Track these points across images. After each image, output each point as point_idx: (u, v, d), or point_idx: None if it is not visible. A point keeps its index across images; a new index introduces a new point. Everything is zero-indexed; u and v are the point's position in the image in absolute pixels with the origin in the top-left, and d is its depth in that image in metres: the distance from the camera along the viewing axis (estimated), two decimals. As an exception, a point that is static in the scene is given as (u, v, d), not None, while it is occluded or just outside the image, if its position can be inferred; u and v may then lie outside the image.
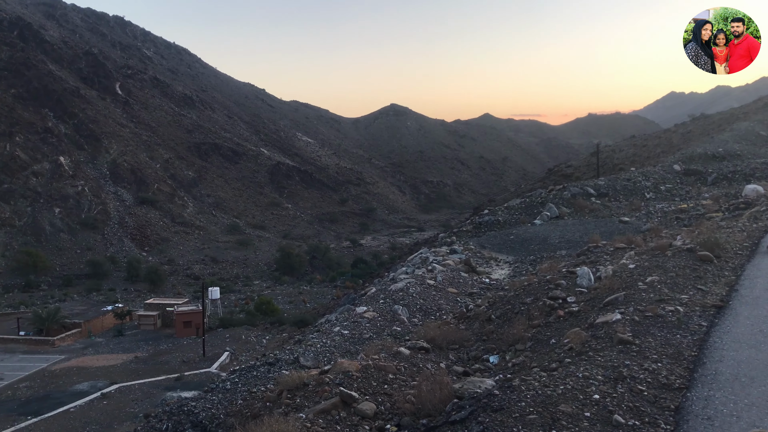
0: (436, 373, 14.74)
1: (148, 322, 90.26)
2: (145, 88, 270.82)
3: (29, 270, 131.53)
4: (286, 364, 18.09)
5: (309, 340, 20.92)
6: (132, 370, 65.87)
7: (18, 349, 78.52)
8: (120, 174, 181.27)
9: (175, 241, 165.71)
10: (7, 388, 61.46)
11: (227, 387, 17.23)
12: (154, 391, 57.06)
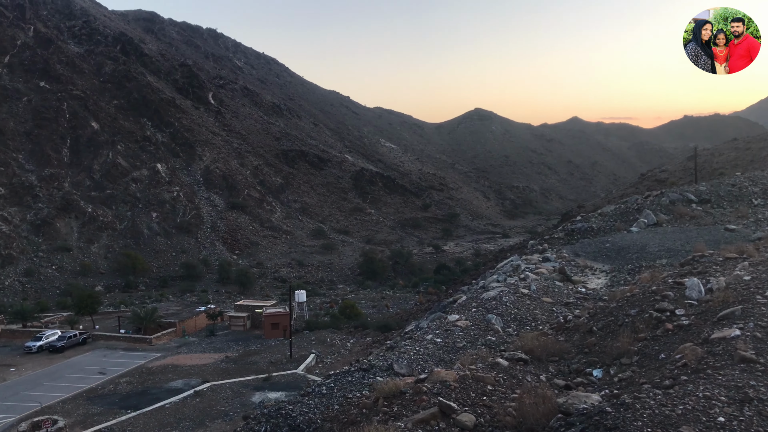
0: (537, 386, 14.15)
1: (238, 323, 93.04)
2: (236, 98, 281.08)
3: (129, 271, 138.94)
4: (381, 371, 17.94)
5: (401, 347, 20.72)
6: (223, 369, 67.97)
7: (119, 345, 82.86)
8: (212, 180, 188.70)
9: (264, 245, 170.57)
10: (110, 382, 64.87)
11: (323, 392, 17.27)
12: (244, 390, 58.61)
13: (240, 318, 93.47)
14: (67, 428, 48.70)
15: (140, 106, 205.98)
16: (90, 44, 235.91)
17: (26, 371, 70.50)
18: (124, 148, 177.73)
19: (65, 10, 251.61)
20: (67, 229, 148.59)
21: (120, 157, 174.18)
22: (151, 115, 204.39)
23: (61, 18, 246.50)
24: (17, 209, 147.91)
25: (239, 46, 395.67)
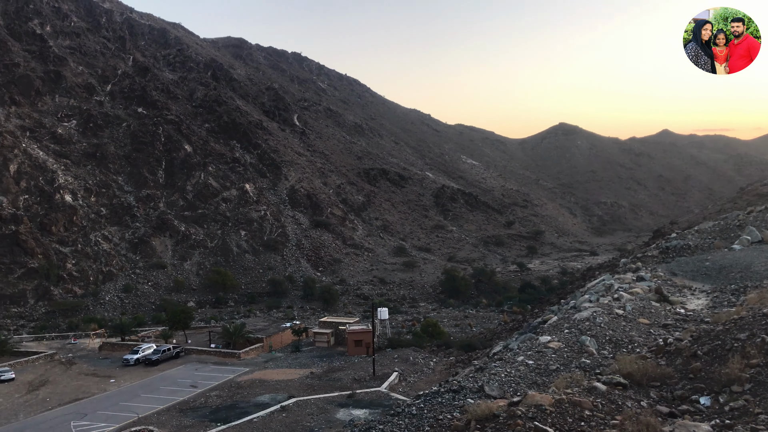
0: (639, 413, 13.42)
1: (323, 340, 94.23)
2: (319, 119, 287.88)
3: (219, 287, 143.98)
4: (471, 393, 17.54)
5: (491, 368, 20.20)
6: (308, 385, 68.89)
7: (209, 360, 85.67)
8: (297, 199, 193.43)
9: (346, 262, 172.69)
10: (200, 395, 67.06)
11: (413, 412, 17.04)
12: (329, 407, 59.09)
13: (324, 334, 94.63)
14: (162, 439, 50.57)
15: (230, 128, 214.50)
16: (183, 71, 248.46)
17: (124, 383, 73.98)
18: (214, 170, 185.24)
19: (161, 40, 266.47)
20: (162, 247, 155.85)
21: (211, 178, 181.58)
22: (239, 138, 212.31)
23: (157, 47, 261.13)
24: (117, 228, 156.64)
25: (323, 68, 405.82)
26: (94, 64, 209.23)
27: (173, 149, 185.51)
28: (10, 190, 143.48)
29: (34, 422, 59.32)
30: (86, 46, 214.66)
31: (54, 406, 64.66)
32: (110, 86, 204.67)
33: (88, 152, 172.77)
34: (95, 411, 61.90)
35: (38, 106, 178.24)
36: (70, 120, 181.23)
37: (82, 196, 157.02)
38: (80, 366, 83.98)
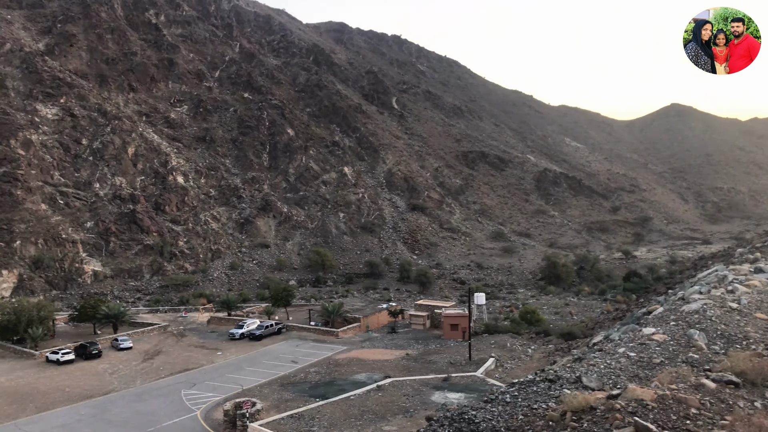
0: (753, 414, 12.50)
1: (419, 322, 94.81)
2: (418, 102, 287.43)
3: (318, 267, 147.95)
4: (568, 383, 17.00)
5: (590, 359, 19.49)
6: (403, 366, 69.63)
7: (309, 337, 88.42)
8: (394, 182, 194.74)
9: (443, 246, 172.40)
10: (301, 371, 69.43)
11: (507, 400, 16.76)
12: (424, 388, 59.49)
13: (420, 317, 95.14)
14: (264, 411, 52.82)
15: (330, 113, 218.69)
16: (286, 56, 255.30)
17: (230, 356, 77.81)
18: (315, 153, 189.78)
19: (265, 26, 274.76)
20: (266, 228, 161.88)
21: (312, 161, 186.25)
22: (339, 121, 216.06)
23: (262, 34, 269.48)
24: (225, 209, 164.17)
25: (422, 50, 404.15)
26: (203, 51, 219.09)
27: (277, 133, 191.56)
28: (128, 171, 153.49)
29: (150, 388, 63.64)
30: (196, 34, 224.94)
31: (166, 375, 69.06)
32: (218, 72, 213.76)
33: (198, 136, 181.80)
34: (203, 381, 65.54)
35: (153, 92, 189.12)
36: (182, 105, 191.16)
37: (193, 177, 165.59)
38: (190, 338, 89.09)
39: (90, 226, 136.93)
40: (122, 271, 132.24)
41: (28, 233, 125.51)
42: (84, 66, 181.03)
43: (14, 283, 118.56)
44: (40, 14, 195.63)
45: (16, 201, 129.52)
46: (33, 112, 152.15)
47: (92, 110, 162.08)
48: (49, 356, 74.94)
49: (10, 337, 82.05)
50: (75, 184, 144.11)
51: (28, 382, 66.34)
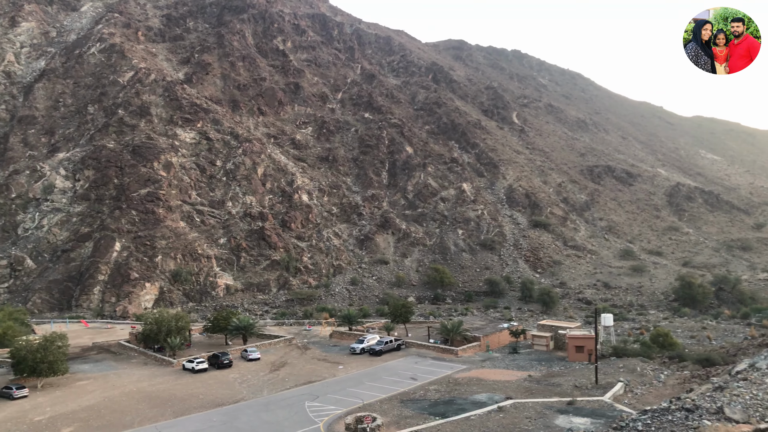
0: None
1: (541, 343, 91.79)
2: (539, 116, 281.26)
3: (437, 284, 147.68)
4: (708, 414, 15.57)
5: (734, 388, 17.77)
6: (525, 387, 67.51)
7: (428, 354, 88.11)
8: (515, 198, 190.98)
9: (567, 264, 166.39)
10: (420, 388, 69.24)
11: (638, 428, 15.59)
12: (547, 412, 57.26)
13: (543, 338, 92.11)
14: (384, 426, 53.05)
15: (449, 129, 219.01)
16: (406, 76, 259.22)
17: (351, 370, 79.09)
18: (434, 170, 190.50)
19: (386, 47, 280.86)
20: (385, 244, 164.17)
21: (430, 178, 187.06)
22: (458, 138, 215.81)
23: (383, 55, 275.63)
24: (346, 226, 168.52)
25: (543, 64, 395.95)
26: (327, 74, 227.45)
27: (396, 151, 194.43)
28: (257, 190, 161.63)
29: (276, 399, 65.98)
30: (321, 58, 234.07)
31: (291, 386, 71.34)
32: (341, 94, 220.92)
33: (322, 156, 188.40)
34: (326, 394, 67.04)
35: (281, 115, 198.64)
36: (307, 127, 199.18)
37: (317, 195, 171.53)
38: (313, 351, 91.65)
39: (223, 243, 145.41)
40: (251, 284, 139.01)
41: (168, 249, 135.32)
42: (218, 92, 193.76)
43: (156, 295, 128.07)
44: (180, 46, 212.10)
45: (158, 219, 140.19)
46: (173, 137, 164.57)
47: (225, 133, 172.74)
48: (186, 364, 79.82)
49: (152, 345, 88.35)
50: (210, 203, 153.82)
51: (167, 388, 70.95)
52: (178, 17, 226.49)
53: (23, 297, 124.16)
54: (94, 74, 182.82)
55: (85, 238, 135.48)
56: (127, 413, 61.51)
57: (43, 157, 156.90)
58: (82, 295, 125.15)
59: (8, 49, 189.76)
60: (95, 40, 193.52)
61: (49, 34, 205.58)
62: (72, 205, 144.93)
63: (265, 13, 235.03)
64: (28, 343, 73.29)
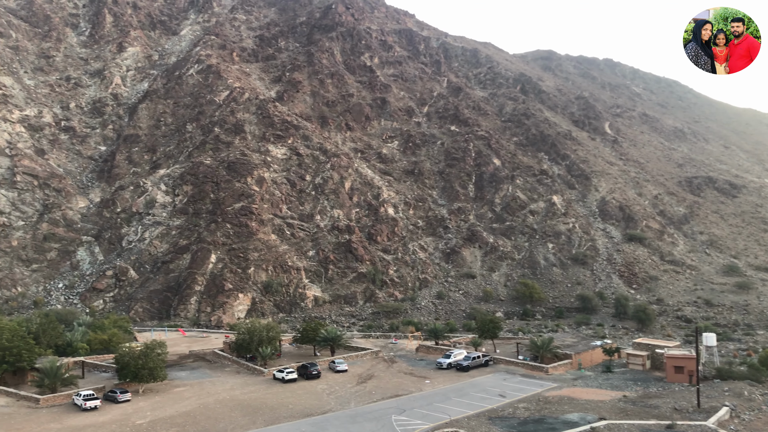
0: None
1: (637, 362, 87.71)
2: (633, 125, 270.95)
3: (526, 300, 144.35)
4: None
5: None
6: (620, 408, 64.59)
7: (517, 371, 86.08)
8: (608, 211, 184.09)
9: (664, 280, 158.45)
10: (509, 405, 67.67)
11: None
12: (644, 435, 54.57)
13: (639, 356, 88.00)
14: (471, 443, 52.10)
15: (537, 141, 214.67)
16: (493, 87, 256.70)
17: (438, 385, 78.42)
18: (522, 182, 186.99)
19: (472, 60, 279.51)
20: (472, 258, 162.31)
21: (518, 190, 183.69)
22: (547, 149, 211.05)
23: (469, 67, 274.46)
24: (432, 239, 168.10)
25: (637, 72, 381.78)
26: (413, 89, 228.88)
27: (483, 163, 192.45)
28: (345, 204, 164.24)
29: (363, 411, 66.31)
30: (407, 73, 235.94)
31: (378, 399, 71.53)
32: (427, 108, 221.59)
33: (408, 169, 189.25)
34: (412, 408, 66.73)
35: (367, 130, 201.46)
36: (393, 141, 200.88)
37: (402, 209, 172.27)
38: (400, 365, 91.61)
39: (312, 255, 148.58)
40: (339, 296, 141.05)
41: (260, 261, 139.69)
42: (308, 109, 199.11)
43: (248, 306, 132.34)
44: (272, 65, 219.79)
45: (251, 232, 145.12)
46: (265, 153, 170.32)
47: (315, 149, 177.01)
48: (276, 374, 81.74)
49: (244, 355, 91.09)
50: (299, 216, 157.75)
51: (258, 397, 72.85)
52: (270, 37, 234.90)
53: (126, 306, 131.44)
54: (193, 94, 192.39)
55: (183, 251, 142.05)
56: (221, 420, 63.57)
57: (145, 174, 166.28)
58: (180, 304, 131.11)
59: (116, 73, 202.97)
60: (193, 61, 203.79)
61: (152, 57, 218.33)
62: (171, 218, 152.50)
63: (353, 31, 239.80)
64: (130, 350, 77.41)
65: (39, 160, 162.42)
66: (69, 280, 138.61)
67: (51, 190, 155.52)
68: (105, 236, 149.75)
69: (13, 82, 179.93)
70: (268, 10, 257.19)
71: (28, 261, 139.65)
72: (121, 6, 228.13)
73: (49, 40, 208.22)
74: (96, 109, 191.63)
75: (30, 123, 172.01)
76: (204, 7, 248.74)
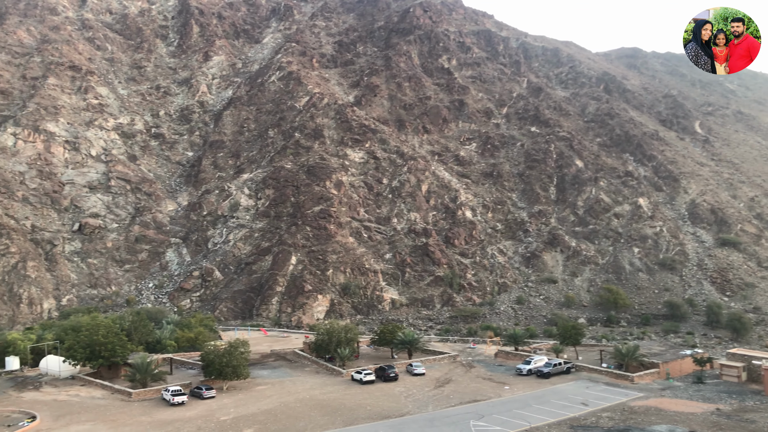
0: None
1: (731, 373, 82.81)
2: (726, 124, 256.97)
3: (610, 306, 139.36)
4: None
5: None
6: (713, 422, 61.16)
7: (600, 379, 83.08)
8: (699, 214, 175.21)
9: (762, 288, 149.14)
10: (591, 414, 65.37)
11: None
12: (740, 452, 51.41)
13: (734, 368, 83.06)
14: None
15: (622, 141, 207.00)
16: (575, 87, 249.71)
17: (518, 391, 76.79)
18: (606, 184, 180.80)
19: (553, 59, 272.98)
20: (553, 262, 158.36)
21: (602, 192, 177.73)
22: (632, 150, 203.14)
23: (550, 67, 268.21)
24: (511, 243, 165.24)
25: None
26: (491, 90, 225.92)
27: (564, 165, 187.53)
28: (421, 207, 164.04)
29: (441, 415, 65.77)
30: (485, 74, 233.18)
31: (456, 404, 70.76)
32: (506, 109, 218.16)
33: (486, 172, 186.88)
34: (491, 414, 65.59)
35: (444, 133, 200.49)
36: (471, 143, 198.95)
37: (480, 212, 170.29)
38: (478, 370, 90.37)
39: (388, 258, 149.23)
40: (416, 300, 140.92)
41: (338, 263, 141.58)
42: (385, 113, 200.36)
43: (327, 307, 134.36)
44: (351, 70, 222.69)
45: (330, 235, 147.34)
46: (344, 157, 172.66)
47: (392, 152, 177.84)
48: (354, 375, 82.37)
49: (323, 355, 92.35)
50: (377, 220, 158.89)
51: (337, 398, 73.63)
52: (349, 43, 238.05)
53: (211, 305, 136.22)
54: (274, 100, 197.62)
55: (265, 252, 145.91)
56: (301, 419, 64.64)
57: (229, 178, 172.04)
58: (262, 304, 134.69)
59: (202, 81, 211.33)
60: (275, 68, 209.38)
61: (236, 65, 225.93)
62: (254, 221, 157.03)
63: (430, 33, 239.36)
64: (215, 348, 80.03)
65: (131, 166, 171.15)
66: (158, 280, 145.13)
67: (142, 194, 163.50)
68: (192, 238, 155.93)
69: (109, 92, 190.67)
70: (346, 16, 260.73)
71: (121, 261, 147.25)
72: (207, 17, 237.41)
73: (141, 51, 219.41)
74: (184, 117, 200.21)
75: (123, 130, 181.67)
76: (285, 15, 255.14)
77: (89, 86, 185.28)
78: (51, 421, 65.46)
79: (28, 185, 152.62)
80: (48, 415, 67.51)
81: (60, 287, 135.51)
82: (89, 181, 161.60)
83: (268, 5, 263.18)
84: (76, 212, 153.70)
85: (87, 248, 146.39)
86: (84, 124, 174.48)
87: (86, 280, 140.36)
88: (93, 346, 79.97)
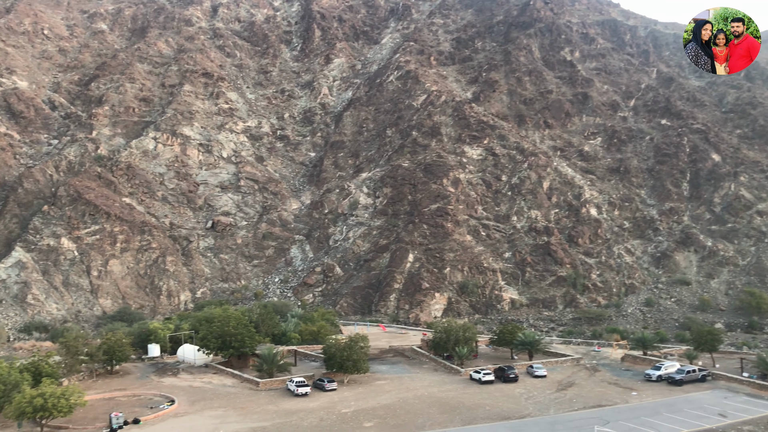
0: None
1: None
2: None
3: (752, 311, 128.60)
4: None
5: None
6: None
7: (741, 389, 76.67)
8: None
9: None
10: (730, 427, 60.49)
11: None
12: None
13: None
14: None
15: (766, 133, 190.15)
16: (711, 76, 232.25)
17: (646, 398, 72.57)
18: (747, 179, 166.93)
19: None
20: (686, 263, 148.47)
21: (743, 188, 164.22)
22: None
23: (682, 55, 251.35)
24: (639, 242, 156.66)
25: None
26: (617, 82, 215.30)
27: (699, 159, 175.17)
28: (543, 204, 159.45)
29: (563, 419, 63.53)
30: (610, 65, 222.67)
31: (579, 408, 68.04)
32: (633, 101, 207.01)
33: (612, 167, 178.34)
34: (617, 420, 62.48)
35: (567, 127, 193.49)
36: (595, 137, 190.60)
37: (606, 209, 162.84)
38: (603, 374, 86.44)
39: (508, 257, 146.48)
40: (536, 300, 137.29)
41: (455, 261, 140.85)
42: (504, 108, 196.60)
43: (444, 305, 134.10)
44: (469, 66, 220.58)
45: (447, 233, 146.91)
46: (461, 154, 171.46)
47: (511, 149, 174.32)
48: (473, 374, 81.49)
49: (441, 353, 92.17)
50: (495, 218, 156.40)
51: (455, 396, 73.16)
52: (467, 39, 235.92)
53: (332, 300, 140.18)
54: (392, 100, 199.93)
55: (383, 250, 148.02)
56: (419, 416, 64.84)
57: (349, 177, 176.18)
58: (380, 301, 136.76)
59: (323, 84, 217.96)
60: (393, 68, 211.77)
61: (356, 67, 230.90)
62: (372, 219, 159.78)
63: (552, 26, 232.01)
64: (336, 342, 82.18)
65: (259, 167, 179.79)
66: (284, 275, 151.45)
67: (269, 194, 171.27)
68: (314, 235, 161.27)
69: (238, 97, 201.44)
70: (465, 12, 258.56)
71: (250, 257, 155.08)
72: (328, 20, 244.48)
73: (266, 56, 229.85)
74: (306, 119, 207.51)
75: (251, 133, 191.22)
76: (403, 14, 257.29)
77: (220, 92, 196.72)
78: (187, 406, 70.14)
79: (167, 185, 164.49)
80: (185, 399, 72.41)
81: (195, 280, 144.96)
82: (221, 181, 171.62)
83: (386, 6, 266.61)
84: (209, 211, 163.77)
85: (219, 244, 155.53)
86: (216, 127, 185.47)
87: (218, 274, 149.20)
88: (224, 337, 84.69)
